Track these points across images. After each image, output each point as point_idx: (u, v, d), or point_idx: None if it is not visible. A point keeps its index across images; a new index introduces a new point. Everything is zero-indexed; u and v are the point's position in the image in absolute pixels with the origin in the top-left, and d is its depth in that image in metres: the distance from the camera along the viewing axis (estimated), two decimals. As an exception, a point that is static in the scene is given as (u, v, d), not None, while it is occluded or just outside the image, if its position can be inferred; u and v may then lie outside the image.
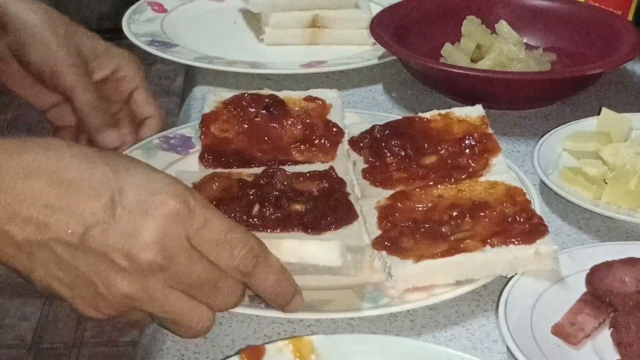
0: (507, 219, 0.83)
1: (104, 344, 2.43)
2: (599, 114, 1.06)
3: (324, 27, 1.33)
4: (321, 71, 1.21)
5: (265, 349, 0.70)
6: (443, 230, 0.83)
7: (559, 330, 0.76)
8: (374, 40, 1.21)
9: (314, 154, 0.96)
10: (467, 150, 0.94)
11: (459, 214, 0.85)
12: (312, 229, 0.82)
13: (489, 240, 0.81)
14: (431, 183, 0.91)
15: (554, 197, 0.94)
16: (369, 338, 0.75)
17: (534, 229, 0.82)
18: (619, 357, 0.74)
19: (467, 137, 0.94)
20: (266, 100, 1.00)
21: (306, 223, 0.82)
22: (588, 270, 0.82)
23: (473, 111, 0.99)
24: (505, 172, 0.91)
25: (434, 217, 0.85)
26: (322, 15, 1.33)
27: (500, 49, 1.20)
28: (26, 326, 2.48)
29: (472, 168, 0.92)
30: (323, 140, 0.97)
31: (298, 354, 0.71)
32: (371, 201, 0.89)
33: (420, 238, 0.83)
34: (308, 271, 0.79)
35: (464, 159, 0.93)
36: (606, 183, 0.95)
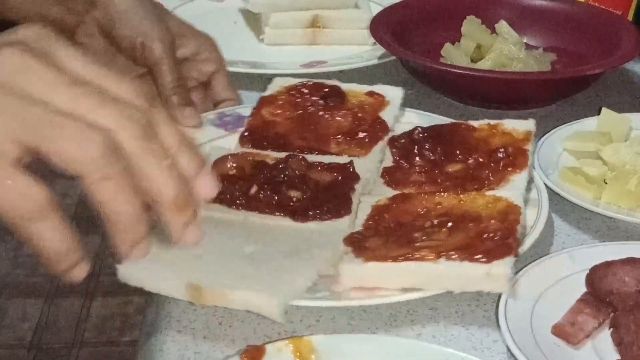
0: (483, 235, 0.80)
1: (104, 344, 2.43)
2: (599, 114, 1.06)
3: (324, 27, 1.33)
4: (321, 71, 1.21)
5: (265, 349, 0.70)
6: (414, 235, 0.81)
7: (559, 330, 0.76)
8: (374, 40, 1.21)
9: (351, 148, 0.96)
10: (492, 164, 0.92)
11: (440, 223, 0.82)
12: (299, 217, 0.83)
13: (446, 253, 0.77)
14: (440, 190, 0.89)
15: (554, 197, 0.94)
16: (369, 338, 0.75)
17: (499, 249, 0.78)
18: (619, 357, 0.74)
19: (499, 151, 0.92)
20: (325, 90, 1.01)
21: (295, 210, 0.83)
22: (588, 270, 0.82)
23: (522, 125, 0.97)
24: (518, 190, 0.88)
25: (417, 223, 0.83)
26: (322, 15, 1.33)
27: (500, 49, 1.20)
28: (26, 326, 2.48)
29: (488, 181, 0.90)
30: (364, 135, 0.97)
31: (298, 354, 0.71)
32: (372, 199, 0.89)
33: (391, 241, 0.81)
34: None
35: (485, 172, 0.91)
36: (606, 183, 0.95)
